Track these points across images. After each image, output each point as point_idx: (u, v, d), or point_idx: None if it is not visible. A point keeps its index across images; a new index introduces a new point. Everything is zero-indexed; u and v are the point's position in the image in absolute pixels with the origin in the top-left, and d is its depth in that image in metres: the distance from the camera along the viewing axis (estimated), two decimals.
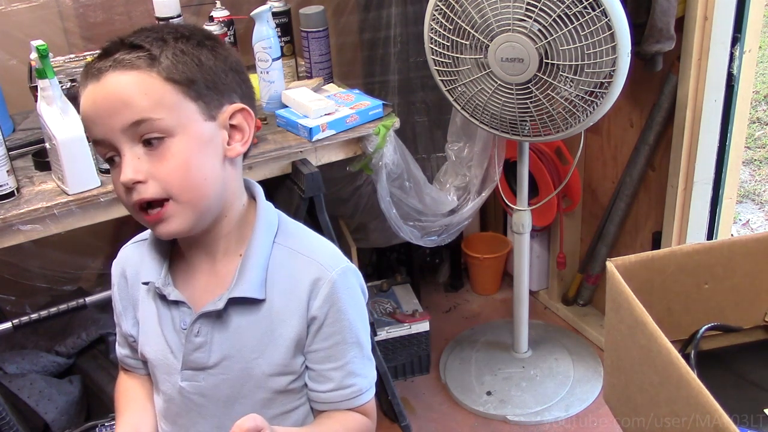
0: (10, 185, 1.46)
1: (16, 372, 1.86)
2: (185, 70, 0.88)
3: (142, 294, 1.03)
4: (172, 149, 0.88)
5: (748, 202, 3.29)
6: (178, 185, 0.88)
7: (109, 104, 0.86)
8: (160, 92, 0.87)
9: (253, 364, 0.98)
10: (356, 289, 0.99)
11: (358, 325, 0.99)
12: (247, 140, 0.95)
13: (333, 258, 0.99)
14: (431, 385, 2.29)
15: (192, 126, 0.89)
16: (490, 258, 2.61)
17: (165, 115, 0.87)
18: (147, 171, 0.87)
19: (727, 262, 1.07)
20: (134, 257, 1.05)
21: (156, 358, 1.02)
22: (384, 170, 1.79)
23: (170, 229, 0.91)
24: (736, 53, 1.81)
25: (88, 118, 0.89)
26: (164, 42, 0.89)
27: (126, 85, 0.86)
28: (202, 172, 0.90)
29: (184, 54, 0.89)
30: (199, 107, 0.90)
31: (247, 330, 0.97)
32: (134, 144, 0.88)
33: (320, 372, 0.99)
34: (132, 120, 0.86)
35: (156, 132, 0.87)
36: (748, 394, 1.06)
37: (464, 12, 1.67)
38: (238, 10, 1.94)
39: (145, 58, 0.87)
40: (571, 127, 1.72)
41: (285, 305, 0.96)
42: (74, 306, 1.64)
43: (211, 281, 0.98)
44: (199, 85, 0.89)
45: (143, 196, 0.88)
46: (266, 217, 0.98)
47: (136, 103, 0.86)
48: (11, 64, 1.89)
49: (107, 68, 0.87)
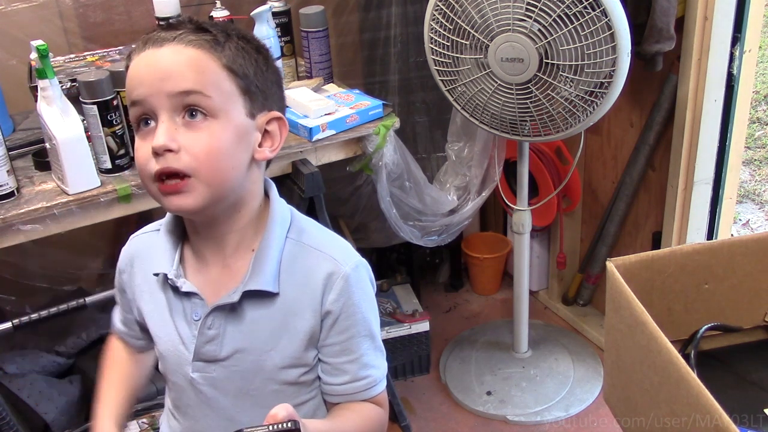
0: (10, 185, 1.46)
1: (16, 372, 1.86)
2: (244, 64, 0.92)
3: (150, 284, 1.03)
4: (212, 129, 0.90)
5: (748, 202, 3.29)
6: (207, 164, 0.90)
7: (166, 68, 0.89)
8: (217, 75, 0.90)
9: (265, 357, 0.99)
10: (368, 282, 1.01)
11: (371, 318, 1.01)
12: (276, 148, 0.98)
13: (346, 253, 1.00)
14: (431, 385, 2.29)
15: (234, 116, 0.92)
16: (490, 258, 2.61)
17: (215, 96, 0.90)
18: (181, 142, 0.89)
19: (727, 262, 1.07)
20: (144, 247, 1.06)
21: (166, 349, 1.02)
22: (384, 170, 1.79)
23: (183, 203, 0.91)
24: (736, 53, 1.81)
25: (137, 77, 0.90)
26: (228, 36, 0.93)
27: (188, 57, 0.89)
28: (231, 161, 0.92)
29: (245, 52, 0.93)
30: (245, 102, 0.93)
31: (261, 323, 0.98)
32: (175, 113, 0.89)
33: (335, 365, 1.01)
34: (184, 88, 0.88)
35: (202, 107, 0.89)
36: (748, 394, 1.06)
37: (464, 12, 1.67)
38: (238, 10, 1.93)
39: (211, 41, 0.91)
40: (571, 127, 1.72)
41: (298, 299, 0.97)
42: (74, 306, 1.64)
43: (223, 274, 0.99)
44: (250, 83, 0.93)
45: (170, 165, 0.89)
46: (280, 212, 1.00)
47: (193, 75, 0.89)
48: (11, 64, 1.89)
49: (171, 39, 0.90)
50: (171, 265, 0.99)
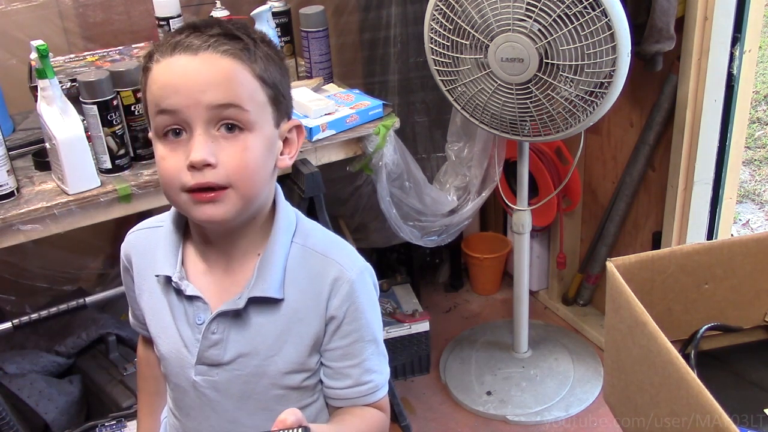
0: (10, 185, 1.45)
1: (16, 372, 1.86)
2: (274, 73, 0.92)
3: (149, 284, 1.02)
4: (247, 142, 0.89)
5: (748, 202, 3.29)
6: (244, 177, 0.89)
7: (205, 80, 0.87)
8: (253, 87, 0.90)
9: (268, 362, 0.98)
10: (372, 288, 1.01)
11: (374, 323, 1.01)
12: (294, 155, 0.99)
13: (351, 258, 1.00)
14: (431, 385, 2.29)
15: (265, 127, 0.92)
16: (490, 258, 2.61)
17: (252, 110, 0.89)
18: (219, 157, 0.88)
19: (727, 262, 1.07)
20: (143, 243, 1.05)
21: (168, 351, 1.02)
22: (384, 170, 1.79)
23: (218, 212, 0.90)
24: (736, 53, 1.81)
25: (171, 86, 0.87)
26: (255, 41, 0.92)
27: (229, 68, 0.88)
28: (263, 173, 0.93)
29: (271, 59, 0.92)
30: (273, 112, 0.93)
31: (265, 329, 0.97)
32: (210, 126, 0.88)
33: (338, 369, 1.01)
34: (225, 101, 0.87)
35: (240, 122, 0.89)
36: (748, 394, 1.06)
37: (464, 12, 1.67)
38: (238, 10, 1.93)
39: (243, 50, 0.89)
40: (571, 127, 1.72)
41: (303, 304, 0.97)
42: (74, 306, 1.64)
43: (226, 279, 0.98)
44: (278, 92, 0.93)
45: (208, 180, 0.88)
46: (285, 216, 0.99)
47: (234, 87, 0.88)
48: (11, 64, 1.89)
49: (205, 47, 0.87)
50: (174, 267, 0.98)
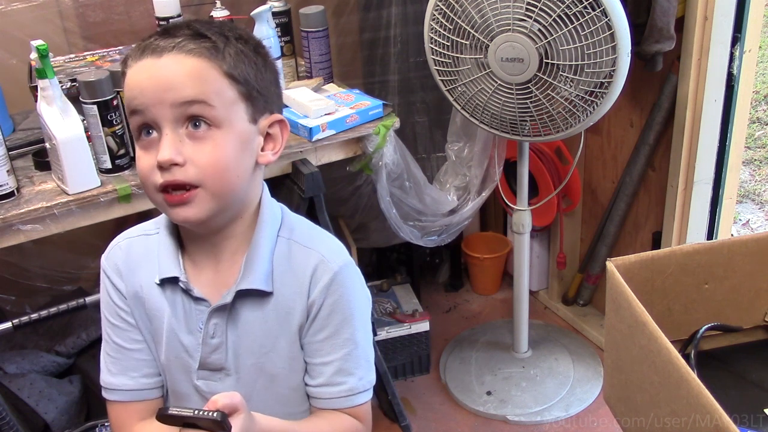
0: (10, 185, 1.45)
1: (16, 372, 1.86)
2: (244, 70, 0.91)
3: (145, 291, 1.01)
4: (217, 140, 0.89)
5: (748, 202, 3.29)
6: (214, 175, 0.89)
7: (168, 79, 0.87)
8: (219, 84, 0.89)
9: (264, 359, 0.98)
10: (356, 285, 1.00)
11: (355, 323, 0.99)
12: (278, 151, 0.98)
13: (335, 251, 1.00)
14: (431, 385, 2.29)
15: (238, 124, 0.91)
16: (490, 258, 2.61)
17: (218, 105, 0.89)
18: (187, 155, 0.88)
19: (727, 262, 1.07)
20: (137, 252, 1.02)
21: (167, 358, 1.01)
22: (384, 170, 1.79)
23: (190, 214, 0.90)
24: (736, 53, 1.81)
25: (138, 87, 0.89)
26: (227, 39, 0.91)
27: (190, 67, 0.88)
28: (236, 170, 0.92)
29: (244, 55, 0.92)
30: (247, 108, 0.92)
31: (257, 324, 0.97)
32: (178, 125, 0.88)
33: (312, 365, 1.00)
34: (188, 98, 0.87)
35: (206, 118, 0.88)
36: (748, 394, 1.06)
37: (464, 12, 1.67)
38: (238, 10, 1.93)
39: (210, 48, 0.89)
40: (571, 127, 1.72)
41: (290, 296, 0.97)
42: (74, 306, 1.64)
43: (216, 279, 0.98)
44: (251, 88, 0.92)
45: (177, 178, 0.88)
46: (270, 211, 0.99)
47: (196, 85, 0.88)
48: (11, 64, 1.89)
49: (170, 48, 0.88)
50: (179, 268, 0.98)
